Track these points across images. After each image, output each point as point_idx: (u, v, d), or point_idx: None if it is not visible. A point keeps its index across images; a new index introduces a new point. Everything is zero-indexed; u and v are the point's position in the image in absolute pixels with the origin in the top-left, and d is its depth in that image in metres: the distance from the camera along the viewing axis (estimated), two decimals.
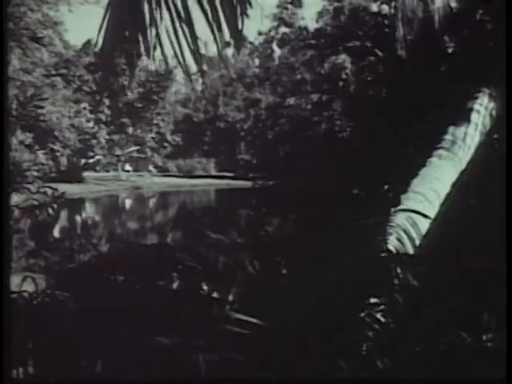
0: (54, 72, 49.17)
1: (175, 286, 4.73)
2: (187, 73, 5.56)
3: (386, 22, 15.32)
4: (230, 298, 4.42)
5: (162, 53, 4.93)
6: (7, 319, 3.89)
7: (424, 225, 5.70)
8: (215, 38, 4.77)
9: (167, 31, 4.82)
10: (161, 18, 4.86)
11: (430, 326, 3.83)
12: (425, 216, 5.77)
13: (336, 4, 24.80)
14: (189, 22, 4.78)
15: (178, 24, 4.81)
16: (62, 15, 39.00)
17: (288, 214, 14.59)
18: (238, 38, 4.84)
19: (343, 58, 22.98)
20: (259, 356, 3.70)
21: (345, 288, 4.20)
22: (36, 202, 13.25)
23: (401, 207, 5.84)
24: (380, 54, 14.69)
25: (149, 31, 4.88)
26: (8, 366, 3.86)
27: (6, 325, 3.88)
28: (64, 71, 55.06)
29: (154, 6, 4.85)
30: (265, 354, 3.74)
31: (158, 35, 4.85)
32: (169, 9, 4.84)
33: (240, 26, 4.79)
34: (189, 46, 4.78)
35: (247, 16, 4.79)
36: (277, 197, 17.51)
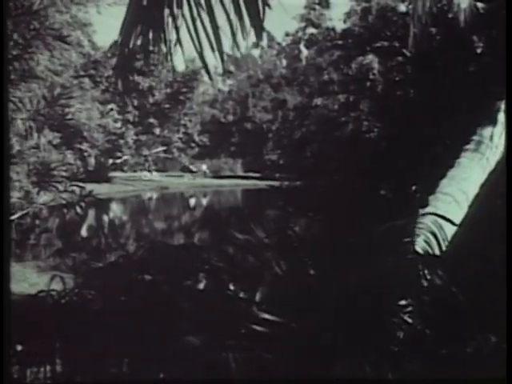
0: (82, 73, 49.51)
1: (202, 285, 4.74)
2: (209, 73, 5.55)
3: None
4: (257, 298, 4.42)
5: (183, 53, 4.93)
6: (7, 319, 3.91)
7: (451, 227, 5.66)
8: (232, 30, 4.71)
9: (191, 31, 4.82)
10: (184, 17, 4.86)
11: (459, 328, 3.81)
12: (451, 222, 5.73)
13: (364, 4, 24.66)
14: (213, 22, 4.77)
15: (201, 23, 4.81)
16: (90, 17, 39.26)
17: (315, 215, 14.55)
18: (259, 26, 4.79)
19: (370, 58, 22.88)
20: (286, 356, 3.70)
21: (372, 289, 4.19)
22: (64, 201, 13.35)
23: (428, 210, 5.81)
24: (408, 54, 14.62)
25: (173, 31, 4.88)
26: (8, 366, 3.88)
27: (5, 325, 3.90)
28: (92, 72, 55.44)
29: (177, 5, 4.85)
30: (291, 355, 3.73)
31: (179, 37, 4.85)
32: (191, 8, 4.84)
33: (261, 14, 4.75)
34: (211, 45, 4.77)
35: (269, 6, 4.76)
36: (303, 197, 17.45)
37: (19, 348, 4.17)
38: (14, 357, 4.13)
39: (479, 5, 8.67)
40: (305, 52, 67.50)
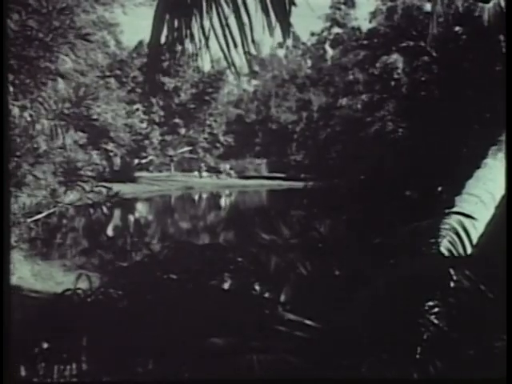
0: (108, 73, 49.78)
1: (227, 285, 4.75)
2: (236, 70, 5.54)
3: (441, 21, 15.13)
4: (282, 298, 4.42)
5: (210, 53, 4.94)
6: (7, 320, 3.94)
7: (476, 228, 5.62)
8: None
9: (216, 30, 4.82)
10: (210, 17, 4.87)
11: (485, 329, 3.78)
12: (474, 219, 5.69)
13: (389, 3, 24.54)
14: (239, 19, 4.77)
15: (225, 22, 4.81)
16: (117, 17, 39.40)
17: (339, 215, 14.53)
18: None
19: (395, 57, 22.78)
20: (311, 357, 3.69)
21: (398, 290, 4.17)
22: (90, 201, 13.44)
23: (453, 210, 5.77)
24: (434, 53, 14.54)
25: (199, 31, 4.89)
26: (8, 366, 3.90)
27: (5, 325, 3.93)
28: (118, 72, 55.74)
29: (203, 5, 4.86)
30: (316, 355, 3.73)
31: (206, 36, 4.86)
32: (217, 7, 4.84)
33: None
34: (235, 44, 4.77)
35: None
36: (328, 198, 17.43)
37: (45, 346, 4.20)
38: (41, 354, 4.16)
39: (503, 4, 8.58)
40: (330, 52, 67.39)
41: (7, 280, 4.08)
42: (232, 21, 4.80)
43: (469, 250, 5.12)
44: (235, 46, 4.75)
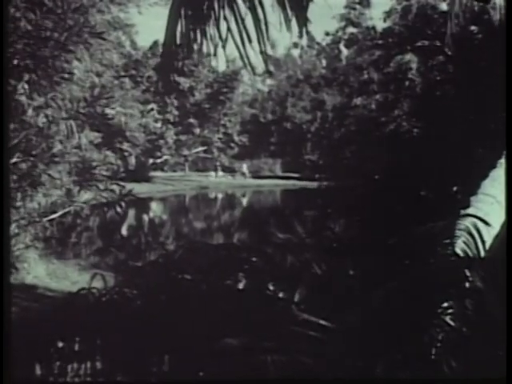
0: (123, 73, 49.93)
1: (241, 285, 4.75)
2: (252, 68, 5.53)
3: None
4: (296, 298, 4.42)
5: (225, 53, 4.94)
6: (7, 319, 3.95)
7: (490, 230, 5.59)
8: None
9: (232, 31, 4.82)
10: (225, 17, 4.87)
11: (500, 330, 3.76)
12: (487, 223, 5.66)
13: (404, 3, 24.49)
14: (255, 16, 4.77)
15: (241, 21, 4.81)
16: (132, 17, 39.52)
17: (354, 215, 14.49)
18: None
19: (409, 57, 22.73)
20: (325, 357, 3.68)
21: (412, 290, 4.16)
22: (104, 200, 13.49)
23: (468, 211, 5.75)
24: (449, 53, 14.49)
25: (214, 31, 4.90)
26: (8, 366, 3.91)
27: (5, 325, 3.94)
28: (133, 72, 55.91)
29: (219, 4, 4.86)
30: (330, 356, 3.72)
31: (221, 36, 4.86)
32: (233, 8, 4.84)
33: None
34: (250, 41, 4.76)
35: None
36: (343, 197, 17.40)
37: (60, 345, 4.22)
38: (56, 353, 4.17)
39: None
40: (345, 52, 67.23)
41: (7, 280, 4.10)
42: (248, 21, 4.81)
43: (483, 252, 5.10)
44: (250, 41, 4.75)
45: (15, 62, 11.21)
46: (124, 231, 31.73)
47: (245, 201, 56.43)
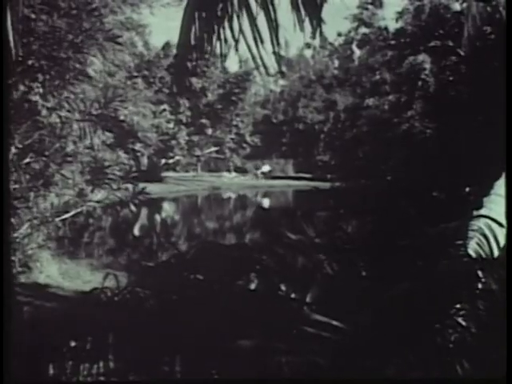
0: (135, 74, 50.08)
1: (253, 286, 4.75)
2: (266, 68, 5.53)
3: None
4: (308, 298, 4.42)
5: (238, 53, 4.95)
6: (7, 320, 3.96)
7: (504, 231, 5.57)
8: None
9: (245, 32, 4.83)
10: (238, 18, 4.88)
11: None
12: (501, 225, 5.63)
13: (417, 3, 24.44)
14: (269, 16, 4.78)
15: (255, 25, 4.82)
16: (145, 18, 39.66)
17: (366, 216, 14.46)
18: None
19: (422, 58, 22.68)
20: (337, 358, 3.69)
21: (424, 291, 4.15)
22: (117, 199, 13.52)
23: (481, 212, 5.72)
24: (462, 53, 14.45)
25: (227, 31, 4.90)
26: (8, 366, 3.92)
27: (6, 325, 3.95)
28: (146, 73, 56.05)
29: (232, 5, 4.87)
30: (342, 356, 3.72)
31: (234, 37, 4.86)
32: (246, 9, 4.85)
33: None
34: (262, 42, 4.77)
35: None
36: (355, 198, 17.38)
37: (73, 344, 4.24)
38: (68, 352, 4.19)
39: None
40: (357, 52, 67.11)
41: (7, 280, 4.11)
42: (261, 21, 4.82)
43: (496, 253, 5.09)
44: (262, 42, 4.75)
45: (30, 62, 11.26)
46: (136, 231, 31.81)
47: (266, 202, 56.27)
